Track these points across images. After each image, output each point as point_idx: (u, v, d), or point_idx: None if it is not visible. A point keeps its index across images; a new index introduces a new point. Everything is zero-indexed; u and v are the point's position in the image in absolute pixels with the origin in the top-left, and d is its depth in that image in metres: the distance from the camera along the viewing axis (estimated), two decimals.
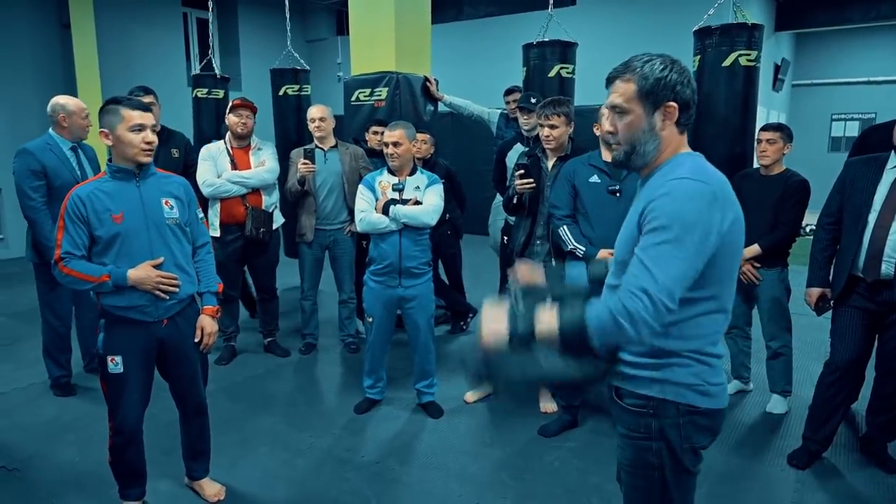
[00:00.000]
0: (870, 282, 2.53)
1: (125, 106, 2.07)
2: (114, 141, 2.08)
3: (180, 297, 2.19)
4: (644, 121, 1.38)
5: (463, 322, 4.65)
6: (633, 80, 1.37)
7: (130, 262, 2.08)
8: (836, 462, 2.75)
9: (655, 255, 1.25)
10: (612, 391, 1.50)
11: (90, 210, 2.04)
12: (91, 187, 2.09)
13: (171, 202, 2.17)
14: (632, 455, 1.46)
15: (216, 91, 5.15)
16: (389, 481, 2.65)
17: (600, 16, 8.03)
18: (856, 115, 10.98)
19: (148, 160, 2.11)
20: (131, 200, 2.10)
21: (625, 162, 1.43)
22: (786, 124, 3.18)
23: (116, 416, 2.20)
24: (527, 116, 3.67)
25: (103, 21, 7.75)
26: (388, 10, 4.35)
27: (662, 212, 1.27)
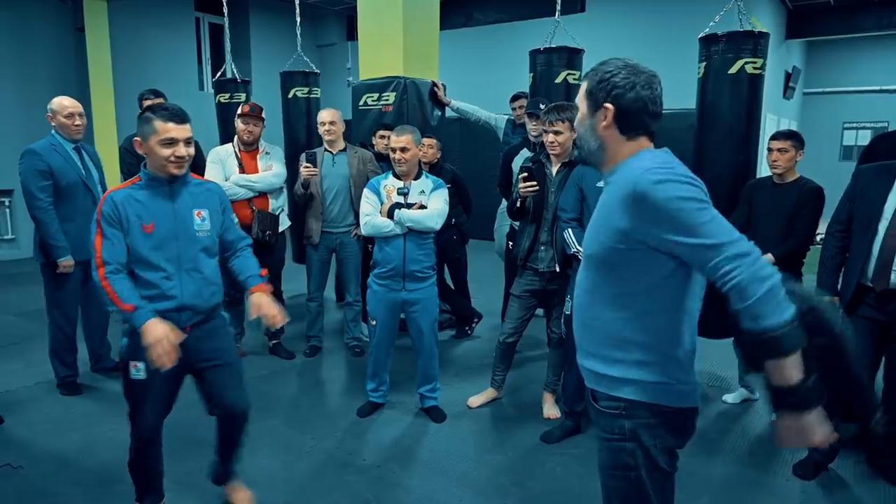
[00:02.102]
0: (879, 292, 2.50)
1: (159, 117, 2.00)
2: (146, 151, 2.03)
3: (206, 308, 2.15)
4: (586, 119, 1.44)
5: (468, 327, 4.64)
6: (587, 79, 1.44)
7: (159, 273, 2.04)
8: (843, 473, 2.72)
9: (710, 229, 1.23)
10: (590, 394, 1.51)
11: (123, 215, 2.00)
12: (125, 193, 2.04)
13: (202, 213, 2.13)
14: (608, 457, 1.47)
15: (238, 95, 5.25)
16: (391, 485, 2.65)
17: (608, 22, 8.03)
18: (868, 123, 10.90)
19: (180, 173, 2.06)
20: (163, 211, 2.06)
21: (579, 157, 1.47)
22: (797, 131, 3.14)
23: (136, 422, 2.17)
24: (535, 122, 3.67)
25: (117, 25, 7.86)
26: (396, 16, 4.38)
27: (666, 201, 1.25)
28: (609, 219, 1.37)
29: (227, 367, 2.24)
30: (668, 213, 1.25)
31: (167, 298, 2.06)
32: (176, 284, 2.07)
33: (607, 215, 1.38)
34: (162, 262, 2.05)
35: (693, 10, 6.01)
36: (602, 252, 1.39)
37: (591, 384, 1.49)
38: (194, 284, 2.10)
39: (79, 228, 3.38)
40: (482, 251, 5.66)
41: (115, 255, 2.00)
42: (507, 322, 3.30)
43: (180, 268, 2.08)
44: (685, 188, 1.27)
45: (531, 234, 3.10)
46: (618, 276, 1.38)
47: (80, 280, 3.48)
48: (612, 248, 1.36)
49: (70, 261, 3.33)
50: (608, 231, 1.37)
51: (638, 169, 1.32)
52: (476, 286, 4.85)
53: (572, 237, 2.79)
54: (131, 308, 1.96)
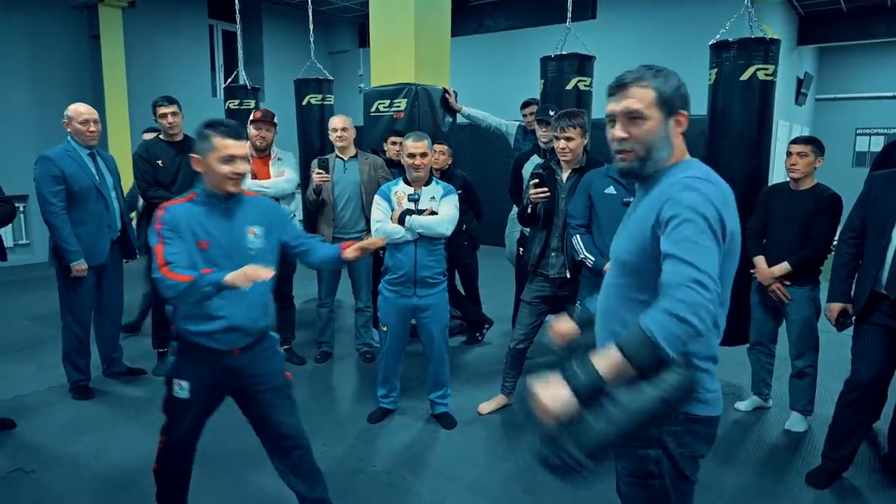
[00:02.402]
0: (893, 299, 2.48)
1: (219, 134, 1.96)
2: (204, 168, 1.99)
3: (254, 330, 2.09)
4: (661, 127, 1.39)
5: (479, 333, 4.64)
6: (651, 86, 1.38)
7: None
8: (857, 482, 2.69)
9: (687, 247, 1.24)
10: None
11: (182, 228, 1.96)
12: (183, 207, 2.00)
13: (255, 230, 2.07)
14: (631, 465, 1.45)
15: (247, 101, 5.28)
16: (401, 491, 2.64)
17: (619, 29, 8.03)
18: (881, 129, 10.81)
19: (237, 190, 2.02)
20: (219, 228, 2.01)
21: (638, 169, 1.42)
22: (817, 138, 3.11)
23: (170, 434, 2.15)
24: (545, 129, 3.68)
25: (131, 32, 7.96)
26: (408, 23, 4.41)
27: (685, 206, 1.28)
28: (648, 221, 1.36)
29: (276, 391, 2.17)
30: (679, 218, 1.28)
31: (216, 319, 2.00)
32: (226, 304, 1.98)
33: (645, 218, 1.37)
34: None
35: (704, 17, 6.01)
36: (637, 257, 1.38)
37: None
38: (244, 305, 2.02)
39: (91, 233, 3.43)
40: (493, 257, 5.66)
41: (176, 252, 1.92)
42: (517, 328, 3.30)
43: (233, 292, 1.95)
44: (707, 206, 1.28)
45: (542, 240, 3.10)
46: (649, 283, 1.35)
47: (93, 285, 3.51)
48: (647, 249, 1.35)
49: (83, 265, 3.36)
50: (645, 234, 1.36)
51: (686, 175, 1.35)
52: (487, 292, 4.84)
53: (581, 244, 2.79)
54: (195, 277, 1.83)
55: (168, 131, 3.77)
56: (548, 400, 1.22)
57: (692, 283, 1.20)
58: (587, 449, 1.20)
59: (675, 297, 1.20)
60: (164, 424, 2.15)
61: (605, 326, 1.50)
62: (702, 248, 1.24)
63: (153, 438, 3.03)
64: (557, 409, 1.21)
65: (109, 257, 3.55)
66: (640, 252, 1.37)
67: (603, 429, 1.20)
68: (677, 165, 1.42)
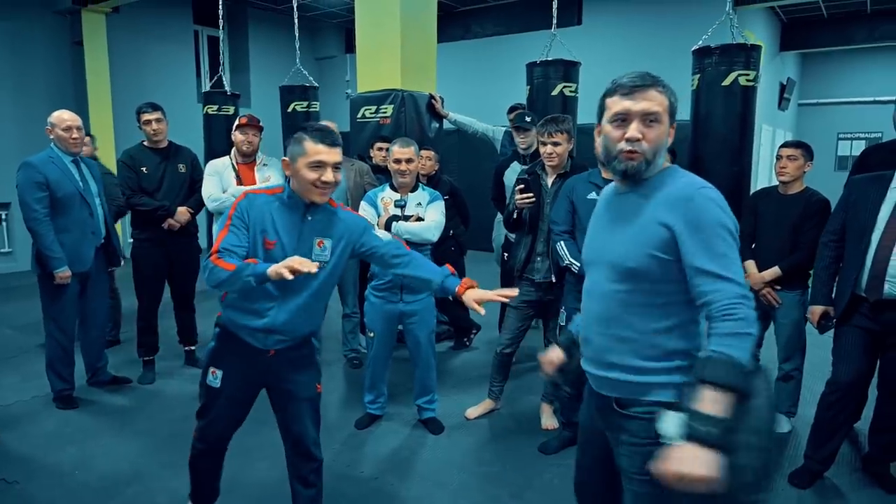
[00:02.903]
0: (873, 301, 2.51)
1: (311, 138, 1.88)
2: (292, 173, 1.92)
3: (293, 336, 2.04)
4: (666, 134, 1.45)
5: (466, 338, 4.65)
6: (666, 93, 1.44)
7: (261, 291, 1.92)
8: (838, 482, 2.73)
9: (725, 264, 1.33)
10: (609, 402, 1.51)
11: (252, 220, 1.92)
12: (263, 199, 1.95)
13: (324, 242, 1.98)
14: (641, 462, 1.44)
15: (226, 108, 5.25)
16: (388, 497, 2.64)
17: (604, 35, 8.11)
18: (862, 134, 10.99)
19: (323, 200, 1.94)
20: (290, 232, 1.94)
21: (642, 172, 1.44)
22: (805, 142, 3.14)
23: (201, 422, 2.14)
24: (523, 136, 3.70)
25: (115, 38, 7.90)
26: (394, 29, 4.42)
27: (712, 221, 1.35)
28: (653, 224, 1.40)
29: (302, 401, 2.14)
30: (707, 233, 1.34)
31: (261, 317, 1.97)
32: (274, 307, 1.96)
33: (650, 222, 1.41)
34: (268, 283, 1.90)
35: (687, 23, 6.08)
36: (645, 264, 1.41)
37: (616, 392, 1.49)
38: (290, 312, 1.98)
39: (75, 240, 3.40)
40: (480, 262, 5.68)
41: (233, 243, 1.88)
42: (504, 333, 3.31)
43: (284, 293, 1.95)
44: (728, 218, 1.37)
45: (527, 245, 3.12)
46: (659, 288, 1.41)
47: (77, 292, 3.48)
48: (652, 256, 1.39)
49: (67, 272, 3.33)
50: (652, 238, 1.40)
51: (692, 184, 1.41)
52: None
53: (565, 250, 2.81)
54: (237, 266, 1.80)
55: (152, 138, 3.75)
56: (698, 470, 1.22)
57: (742, 300, 1.31)
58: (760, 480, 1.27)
59: (735, 317, 1.29)
60: (199, 409, 2.14)
61: (606, 333, 1.50)
62: (734, 262, 1.34)
63: (138, 447, 3.05)
64: (713, 472, 1.23)
65: (94, 264, 3.52)
66: (648, 258, 1.40)
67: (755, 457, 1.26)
68: (668, 172, 1.47)
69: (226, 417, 2.13)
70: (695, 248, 1.34)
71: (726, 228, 1.35)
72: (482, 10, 9.11)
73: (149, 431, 3.23)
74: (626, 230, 1.46)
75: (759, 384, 1.31)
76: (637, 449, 1.46)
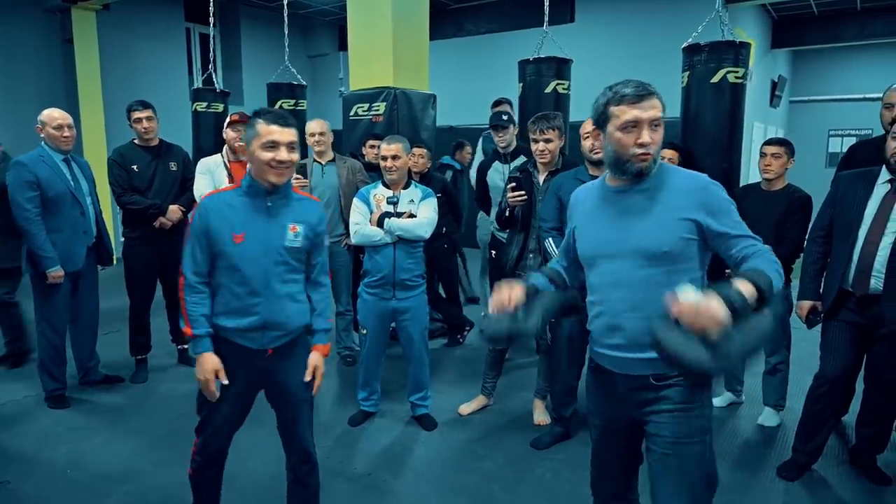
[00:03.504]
0: (859, 296, 2.54)
1: (263, 119, 1.91)
2: (248, 157, 1.94)
3: (290, 329, 2.05)
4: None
5: (460, 335, 4.66)
6: (660, 99, 1.61)
7: (244, 287, 1.96)
8: (826, 474, 2.77)
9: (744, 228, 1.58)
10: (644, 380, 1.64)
11: (213, 223, 1.94)
12: (219, 199, 1.98)
13: (297, 228, 2.00)
14: (686, 428, 1.62)
15: (215, 105, 5.23)
16: (381, 493, 2.66)
17: (597, 33, 8.12)
18: (852, 130, 11.04)
19: (280, 181, 1.94)
20: (257, 222, 1.96)
21: (650, 170, 1.61)
22: (788, 140, 3.18)
23: (202, 434, 2.11)
24: (501, 133, 3.71)
25: (106, 36, 7.85)
26: (386, 27, 4.43)
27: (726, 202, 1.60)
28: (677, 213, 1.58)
29: (303, 402, 2.15)
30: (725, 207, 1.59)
31: (251, 314, 1.97)
32: (261, 301, 1.97)
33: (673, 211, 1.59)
34: (248, 276, 1.95)
35: (678, 21, 6.10)
36: (677, 246, 1.58)
37: (652, 369, 1.61)
38: (279, 301, 2.00)
39: (67, 239, 3.39)
40: (473, 259, 5.69)
41: (195, 266, 1.96)
42: None
43: (267, 283, 1.97)
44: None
45: (520, 242, 3.13)
46: (685, 266, 1.59)
47: (69, 291, 3.47)
48: (684, 238, 1.58)
49: (59, 271, 3.32)
50: (680, 223, 1.58)
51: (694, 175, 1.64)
52: None
53: (553, 246, 2.83)
54: (191, 334, 1.96)
55: (143, 136, 3.75)
56: (715, 310, 1.36)
57: (770, 252, 1.53)
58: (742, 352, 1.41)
59: (772, 259, 1.51)
60: (199, 424, 2.13)
61: (640, 316, 1.60)
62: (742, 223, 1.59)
63: (131, 447, 3.05)
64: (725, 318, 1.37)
65: (85, 263, 3.52)
66: (679, 241, 1.58)
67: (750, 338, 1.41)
68: (665, 168, 1.66)
69: (228, 427, 2.12)
70: (720, 220, 1.57)
71: (732, 203, 1.60)
72: (475, 8, 9.10)
73: (142, 430, 3.23)
74: (647, 220, 1.60)
75: (776, 305, 1.50)
76: (681, 415, 1.61)
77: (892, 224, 2.47)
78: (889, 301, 2.47)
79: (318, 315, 2.15)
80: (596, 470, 1.88)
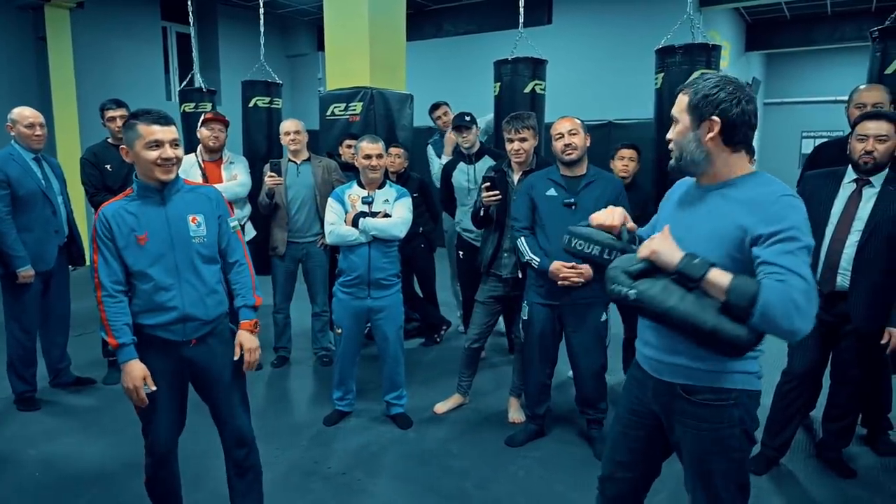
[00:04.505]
0: (826, 293, 2.59)
1: (142, 121, 1.95)
2: (133, 158, 1.98)
3: (208, 318, 2.09)
4: (690, 131, 1.53)
5: (437, 334, 4.67)
6: (688, 93, 1.53)
7: (157, 285, 1.99)
8: (793, 467, 2.82)
9: (795, 261, 1.34)
10: (673, 388, 1.60)
11: (116, 230, 1.96)
12: (116, 206, 1.99)
13: (198, 218, 2.06)
14: (712, 445, 1.57)
15: (203, 104, 5.21)
16: (355, 492, 2.66)
17: (574, 34, 8.17)
18: (825, 132, 11.24)
19: (168, 178, 1.99)
20: (156, 220, 2.00)
21: (676, 167, 1.59)
22: None
23: (148, 437, 2.12)
24: (465, 134, 3.73)
25: (80, 34, 7.73)
26: (362, 27, 4.43)
27: (790, 223, 1.38)
28: (731, 227, 1.46)
29: (230, 384, 2.17)
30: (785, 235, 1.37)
31: (168, 310, 2.01)
32: (176, 295, 2.01)
33: (729, 224, 1.46)
34: (159, 273, 1.99)
35: (654, 23, 6.17)
36: (721, 261, 1.44)
37: (681, 379, 1.58)
38: (195, 293, 2.04)
39: (38, 239, 3.35)
40: (445, 258, 5.69)
41: (111, 274, 1.97)
42: (472, 328, 3.34)
43: (179, 277, 2.02)
44: (806, 225, 1.41)
45: (494, 241, 3.15)
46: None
47: (39, 292, 3.42)
48: (732, 257, 1.45)
49: (30, 271, 3.28)
50: (730, 240, 1.46)
51: (777, 190, 1.44)
52: (445, 294, 4.89)
53: (525, 246, 2.85)
54: (115, 344, 1.96)
55: (116, 135, 3.70)
56: (660, 245, 1.45)
57: (807, 292, 1.32)
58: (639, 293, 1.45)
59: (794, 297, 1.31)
60: (142, 427, 2.12)
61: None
62: (803, 265, 1.35)
63: (102, 448, 3.02)
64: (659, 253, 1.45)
65: (56, 263, 3.47)
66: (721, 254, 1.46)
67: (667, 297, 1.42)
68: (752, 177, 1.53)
69: (166, 421, 2.11)
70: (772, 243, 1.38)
71: (802, 231, 1.39)
72: (454, 9, 9.13)
73: (113, 432, 3.19)
74: (703, 230, 1.52)
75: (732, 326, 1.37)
76: (707, 434, 1.57)
77: (858, 222, 2.53)
78: (855, 298, 2.54)
79: (238, 294, 2.19)
80: (608, 468, 1.84)
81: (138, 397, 1.97)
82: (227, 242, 2.18)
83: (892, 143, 2.47)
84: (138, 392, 1.96)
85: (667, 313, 1.42)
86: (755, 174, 1.53)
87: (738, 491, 1.61)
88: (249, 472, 2.27)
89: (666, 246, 1.47)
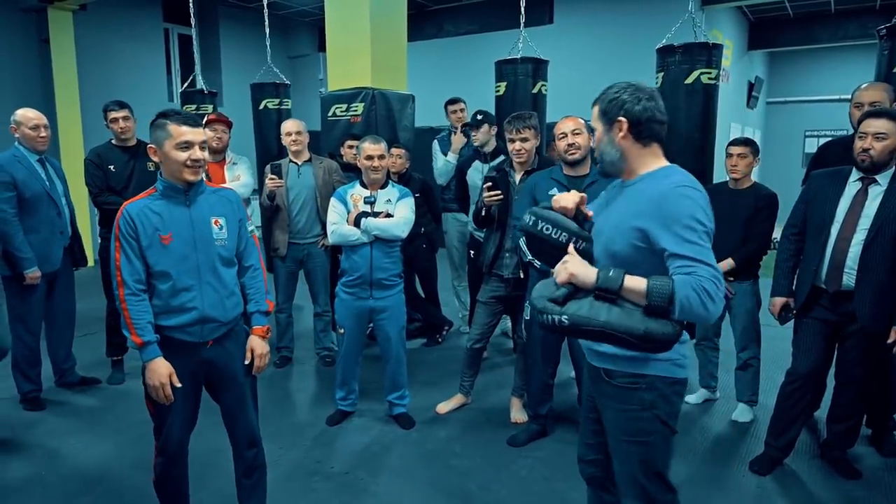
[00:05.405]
0: (831, 293, 2.58)
1: (173, 121, 1.96)
2: (161, 158, 1.98)
3: (226, 320, 2.10)
4: (605, 135, 1.67)
5: (439, 335, 4.67)
6: (598, 103, 1.68)
7: (178, 286, 2.00)
8: (797, 468, 2.81)
9: (697, 249, 1.45)
10: (599, 372, 1.71)
11: (140, 228, 1.96)
12: (141, 205, 1.99)
13: (220, 221, 2.07)
14: (627, 425, 1.67)
15: (205, 106, 5.24)
16: (358, 492, 2.66)
17: (575, 34, 8.18)
18: (828, 131, 11.22)
19: (196, 178, 2.00)
20: (180, 220, 2.00)
21: (601, 171, 1.72)
22: (752, 139, 3.24)
23: (160, 436, 2.11)
24: (475, 132, 3.74)
25: (83, 36, 7.76)
26: (363, 28, 4.43)
27: (684, 214, 1.48)
28: (632, 219, 1.56)
29: (244, 385, 2.19)
30: (681, 224, 1.47)
31: (187, 311, 2.02)
32: (196, 296, 2.02)
33: (630, 216, 1.57)
34: (181, 274, 2.00)
35: (655, 22, 6.17)
36: (625, 250, 1.57)
37: (605, 364, 1.68)
38: (215, 295, 2.05)
39: (43, 240, 3.37)
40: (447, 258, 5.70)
41: (134, 273, 1.97)
42: (473, 328, 3.34)
43: (200, 279, 2.03)
44: (701, 211, 1.50)
45: (496, 241, 3.15)
46: (641, 273, 1.51)
47: (44, 293, 3.44)
48: (634, 245, 1.55)
49: (37, 272, 3.29)
50: (631, 230, 1.56)
51: (674, 181, 1.54)
52: (446, 294, 4.89)
53: (526, 246, 2.84)
54: (140, 342, 1.96)
55: (120, 136, 3.71)
56: (576, 267, 1.51)
57: (714, 279, 1.43)
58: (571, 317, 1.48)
59: (704, 285, 1.41)
60: (154, 426, 2.13)
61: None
62: (706, 252, 1.47)
63: (106, 447, 3.03)
64: (577, 275, 1.50)
65: (61, 264, 3.49)
66: (627, 243, 1.56)
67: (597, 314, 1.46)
68: (658, 172, 1.61)
69: (180, 421, 2.12)
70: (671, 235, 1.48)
71: (697, 221, 1.48)
72: (455, 9, 9.14)
73: (118, 431, 3.20)
74: (615, 221, 1.62)
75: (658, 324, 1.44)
76: (623, 415, 1.67)
77: (864, 221, 2.52)
78: (861, 297, 2.52)
79: (251, 300, 2.20)
80: (579, 448, 1.96)
81: (164, 394, 1.97)
82: (244, 246, 2.18)
83: (890, 141, 2.45)
84: (164, 389, 1.96)
85: (603, 329, 1.46)
86: (662, 168, 1.62)
87: (655, 478, 1.67)
88: (256, 472, 2.29)
89: (579, 267, 1.53)
